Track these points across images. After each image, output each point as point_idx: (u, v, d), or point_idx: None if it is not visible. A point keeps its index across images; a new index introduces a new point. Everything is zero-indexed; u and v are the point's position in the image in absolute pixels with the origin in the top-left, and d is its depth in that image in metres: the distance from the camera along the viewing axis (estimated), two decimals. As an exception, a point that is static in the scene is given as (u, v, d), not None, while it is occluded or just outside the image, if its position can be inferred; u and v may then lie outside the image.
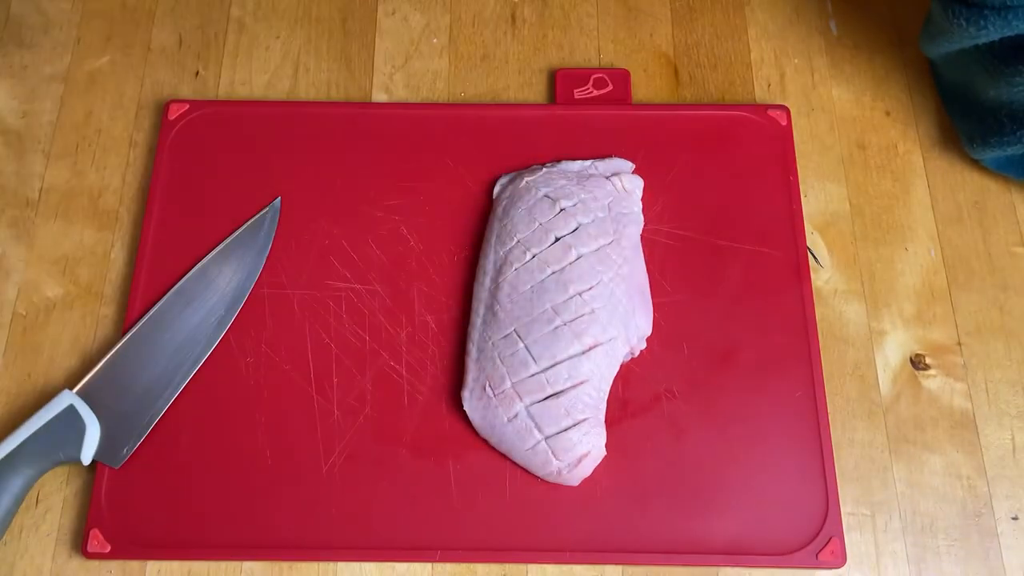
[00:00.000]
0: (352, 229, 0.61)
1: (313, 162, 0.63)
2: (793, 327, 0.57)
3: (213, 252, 0.59)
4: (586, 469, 0.53)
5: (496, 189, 0.61)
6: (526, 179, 0.59)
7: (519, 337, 0.54)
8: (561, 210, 0.57)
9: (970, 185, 0.63)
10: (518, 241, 0.57)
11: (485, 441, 0.54)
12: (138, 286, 0.58)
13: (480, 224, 0.61)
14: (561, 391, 0.53)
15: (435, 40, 0.69)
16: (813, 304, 0.58)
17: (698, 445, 0.55)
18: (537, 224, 0.57)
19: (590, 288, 0.55)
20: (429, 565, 0.53)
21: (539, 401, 0.53)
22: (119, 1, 0.70)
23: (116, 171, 0.64)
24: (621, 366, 0.55)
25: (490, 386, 0.54)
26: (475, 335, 0.56)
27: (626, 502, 0.53)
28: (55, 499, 0.54)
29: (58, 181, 0.63)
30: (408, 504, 0.53)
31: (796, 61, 0.68)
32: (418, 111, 0.65)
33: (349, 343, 0.57)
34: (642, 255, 0.58)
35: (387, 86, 0.67)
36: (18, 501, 0.52)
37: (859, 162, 0.64)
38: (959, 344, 0.59)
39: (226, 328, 0.57)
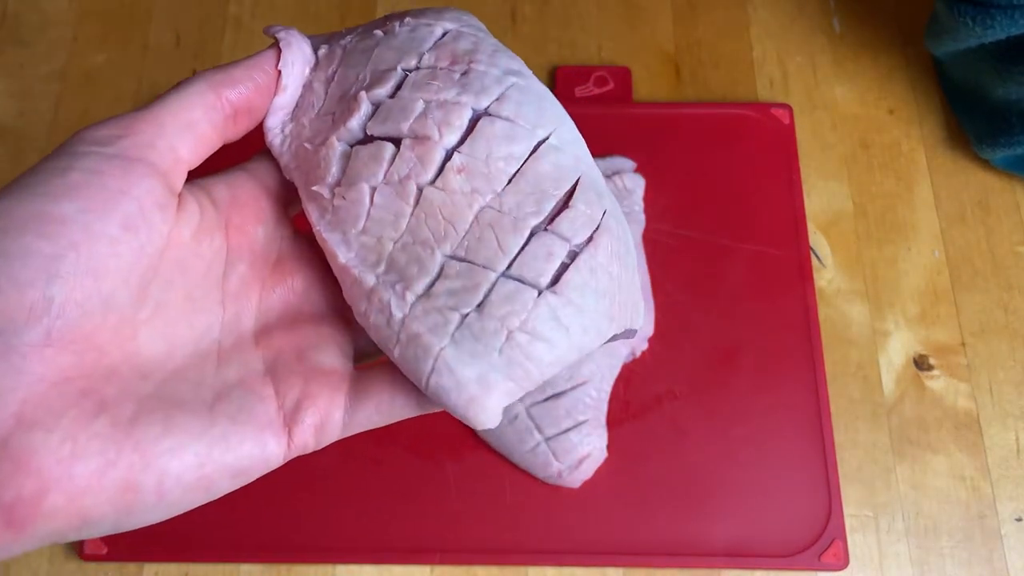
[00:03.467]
0: (351, 228, 0.60)
1: (312, 161, 0.62)
2: (796, 327, 0.57)
3: None
4: (587, 471, 0.52)
5: (496, 188, 0.60)
6: (526, 178, 0.59)
7: (519, 337, 0.53)
8: (562, 209, 0.57)
9: (974, 184, 0.63)
10: (518, 241, 0.56)
11: (485, 442, 0.54)
12: (135, 286, 0.58)
13: (480, 223, 0.60)
14: (562, 392, 0.52)
15: (435, 38, 0.68)
16: (816, 304, 0.58)
17: (700, 446, 0.54)
18: (537, 223, 0.56)
19: (591, 288, 0.54)
20: (428, 567, 0.52)
21: (539, 402, 0.52)
22: (117, -1, 0.70)
23: (113, 170, 0.63)
24: (622, 367, 0.55)
25: (490, 387, 0.53)
26: (475, 335, 0.55)
27: (627, 504, 0.53)
28: (52, 501, 0.54)
29: (55, 180, 0.63)
30: (407, 506, 0.53)
31: (799, 59, 0.67)
32: (418, 109, 0.64)
33: (348, 343, 0.57)
34: (643, 255, 0.58)
35: (386, 84, 0.67)
36: None
37: (862, 161, 0.64)
38: (963, 344, 0.58)
39: None
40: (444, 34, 0.32)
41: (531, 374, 0.28)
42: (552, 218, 0.29)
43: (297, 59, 0.33)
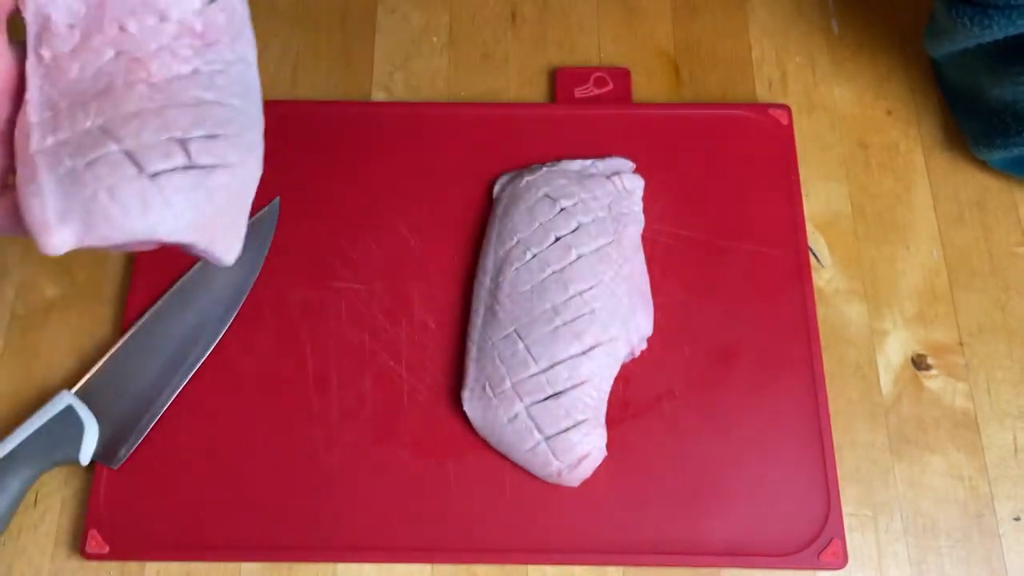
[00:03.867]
0: (352, 229, 0.60)
1: (313, 162, 0.62)
2: (794, 327, 0.57)
3: None
4: (586, 470, 0.52)
5: (496, 189, 0.61)
6: (526, 179, 0.59)
7: (519, 337, 0.54)
8: (561, 210, 0.57)
9: (972, 184, 0.63)
10: (518, 241, 0.57)
11: (485, 442, 0.54)
12: (137, 286, 0.58)
13: (480, 224, 0.60)
14: (561, 391, 0.53)
15: (435, 39, 0.68)
16: (814, 304, 0.58)
17: (699, 446, 0.54)
18: (537, 224, 0.57)
19: (590, 288, 0.54)
20: (428, 566, 0.53)
21: (539, 401, 0.53)
22: (118, 0, 0.70)
23: (115, 170, 0.63)
24: (622, 366, 0.55)
25: (490, 386, 0.54)
26: (475, 335, 0.56)
27: (626, 503, 0.53)
28: (54, 500, 0.54)
29: (56, 180, 0.63)
30: (408, 505, 0.53)
31: (797, 60, 0.67)
32: (418, 110, 0.64)
33: (349, 343, 0.57)
34: (643, 255, 0.58)
35: (387, 85, 0.67)
36: (16, 502, 0.51)
37: (861, 161, 0.64)
38: (961, 344, 0.58)
39: (225, 328, 0.57)
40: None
41: (100, 228, 0.36)
42: (190, 140, 0.38)
43: None
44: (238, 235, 0.41)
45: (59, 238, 0.36)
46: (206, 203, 0.38)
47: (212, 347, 0.57)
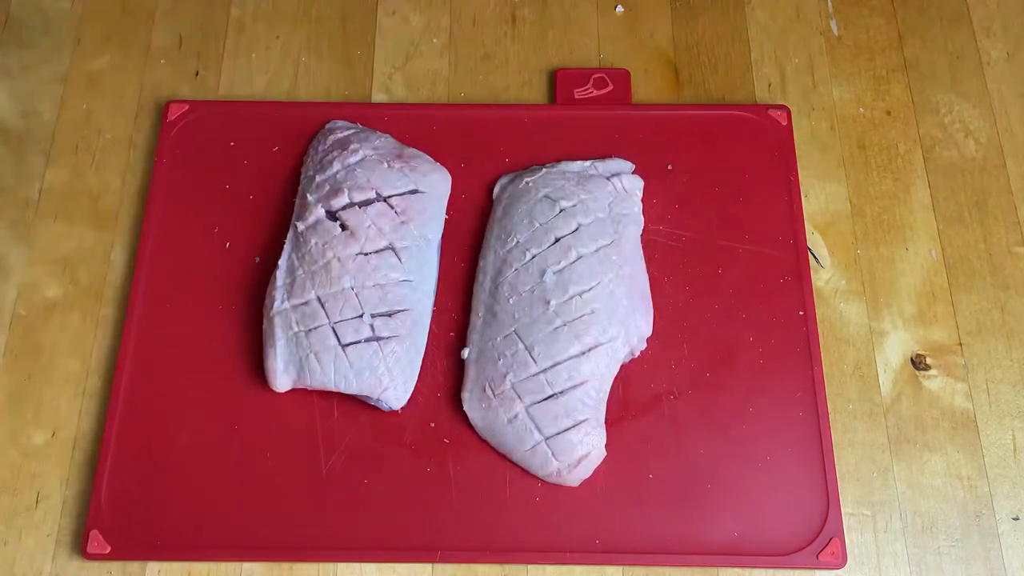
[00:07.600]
0: (352, 229, 0.61)
1: (313, 162, 0.63)
2: (793, 327, 0.57)
3: None
4: (586, 470, 0.53)
5: (496, 189, 0.61)
6: (526, 180, 0.59)
7: (519, 338, 0.54)
8: (561, 211, 0.57)
9: (971, 185, 0.63)
10: (518, 242, 0.57)
11: (485, 442, 0.54)
12: (138, 286, 0.58)
13: (480, 224, 0.61)
14: (561, 391, 0.53)
15: (435, 40, 0.69)
16: (813, 304, 0.58)
17: (698, 445, 0.55)
18: (537, 225, 0.57)
19: (590, 288, 0.55)
20: (429, 566, 0.53)
21: (539, 402, 0.53)
22: (119, 1, 0.70)
23: (116, 172, 0.64)
24: (621, 367, 0.55)
25: (490, 387, 0.54)
26: (475, 336, 0.56)
27: (626, 502, 0.53)
28: (55, 500, 0.54)
29: (58, 181, 0.63)
30: (408, 505, 0.53)
31: (797, 61, 0.67)
32: (418, 111, 0.65)
33: (349, 344, 0.57)
34: (642, 255, 0.58)
35: (387, 86, 0.67)
36: None
37: (860, 162, 0.64)
38: (960, 344, 0.59)
39: None
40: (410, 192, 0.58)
41: (307, 380, 0.54)
42: (379, 315, 0.54)
43: None
44: (406, 389, 0.54)
45: (281, 382, 0.54)
46: (380, 364, 0.53)
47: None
